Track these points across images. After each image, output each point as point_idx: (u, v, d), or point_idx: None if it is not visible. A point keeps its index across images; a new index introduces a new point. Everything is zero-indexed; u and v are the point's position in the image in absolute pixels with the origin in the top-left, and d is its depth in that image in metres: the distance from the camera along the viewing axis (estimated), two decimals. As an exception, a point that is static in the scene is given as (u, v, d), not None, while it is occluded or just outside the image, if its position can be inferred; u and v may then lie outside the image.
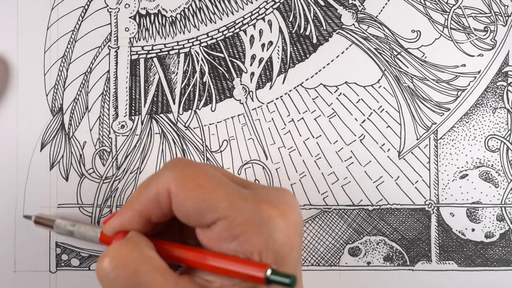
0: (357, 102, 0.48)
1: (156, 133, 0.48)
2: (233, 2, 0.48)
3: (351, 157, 0.48)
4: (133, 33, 0.48)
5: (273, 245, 0.31)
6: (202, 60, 0.48)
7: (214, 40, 0.48)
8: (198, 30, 0.48)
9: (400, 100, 0.48)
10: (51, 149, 0.47)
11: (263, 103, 0.48)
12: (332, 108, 0.48)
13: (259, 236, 0.31)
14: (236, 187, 0.33)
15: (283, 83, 0.48)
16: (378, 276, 0.47)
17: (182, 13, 0.48)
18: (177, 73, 0.48)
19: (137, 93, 0.48)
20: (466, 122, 0.48)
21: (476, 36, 0.48)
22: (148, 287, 0.31)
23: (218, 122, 0.48)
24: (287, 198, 0.34)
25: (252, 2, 0.49)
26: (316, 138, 0.48)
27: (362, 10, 0.48)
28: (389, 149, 0.48)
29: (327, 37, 0.48)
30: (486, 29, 0.48)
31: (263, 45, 0.48)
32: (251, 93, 0.48)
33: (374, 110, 0.48)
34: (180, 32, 0.48)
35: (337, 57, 0.48)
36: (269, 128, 0.48)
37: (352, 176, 0.48)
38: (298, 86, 0.48)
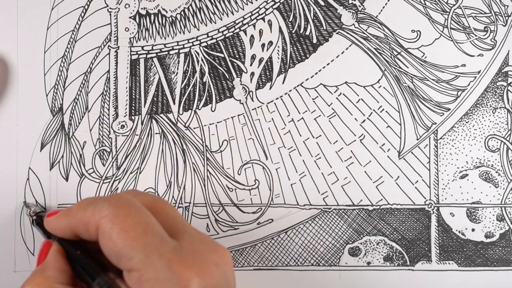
0: (357, 102, 0.48)
1: (156, 133, 0.48)
2: (233, 2, 0.48)
3: (351, 157, 0.48)
4: (133, 33, 0.48)
5: None
6: (202, 60, 0.48)
7: (214, 40, 0.48)
8: (198, 30, 0.48)
9: (400, 100, 0.48)
10: (51, 149, 0.47)
11: (263, 103, 0.48)
12: (332, 108, 0.48)
13: None
14: (159, 239, 0.32)
15: (283, 83, 0.48)
16: (378, 276, 0.47)
17: (182, 13, 0.48)
18: (177, 73, 0.48)
19: (137, 93, 0.48)
20: (466, 122, 0.48)
21: (476, 36, 0.48)
22: None
23: (218, 122, 0.48)
24: (211, 256, 0.33)
25: (252, 2, 0.49)
26: (316, 138, 0.48)
27: (362, 10, 0.48)
28: (389, 149, 0.48)
29: (327, 37, 0.48)
30: (486, 29, 0.48)
31: (263, 45, 0.48)
32: (251, 93, 0.48)
33: (374, 110, 0.48)
34: (180, 32, 0.48)
35: (337, 57, 0.48)
36: (269, 128, 0.48)
37: (352, 176, 0.48)
38: (298, 86, 0.48)
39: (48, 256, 0.35)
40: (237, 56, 0.48)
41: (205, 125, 0.48)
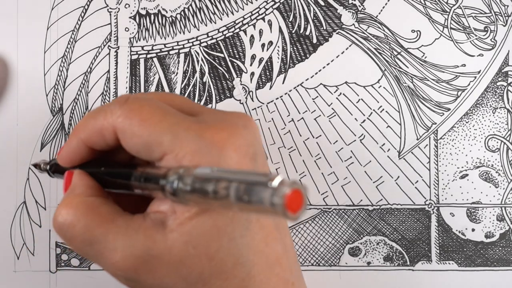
0: (357, 102, 0.48)
1: (156, 133, 0.48)
2: (233, 2, 0.48)
3: (351, 157, 0.48)
4: (133, 33, 0.48)
5: None
6: (202, 60, 0.48)
7: (214, 40, 0.48)
8: (198, 30, 0.48)
9: (400, 100, 0.48)
10: (51, 149, 0.47)
11: (263, 103, 0.48)
12: (332, 108, 0.48)
13: (206, 164, 0.30)
14: (181, 117, 0.32)
15: (283, 83, 0.48)
16: (378, 276, 0.47)
17: (182, 13, 0.48)
18: (177, 73, 0.48)
19: (137, 93, 0.48)
20: (466, 122, 0.48)
21: (476, 36, 0.48)
22: (103, 237, 0.31)
23: (218, 122, 0.48)
24: (237, 120, 0.33)
25: (252, 2, 0.49)
26: (316, 138, 0.48)
27: (362, 10, 0.48)
28: (389, 149, 0.48)
29: (327, 37, 0.48)
30: (486, 29, 0.48)
31: (263, 45, 0.48)
32: (251, 93, 0.48)
33: (374, 110, 0.48)
34: (180, 32, 0.48)
35: (337, 57, 0.48)
36: (269, 128, 0.48)
37: (352, 176, 0.48)
38: (298, 86, 0.48)
39: (73, 180, 0.35)
40: (237, 56, 0.48)
41: (205, 125, 0.48)
